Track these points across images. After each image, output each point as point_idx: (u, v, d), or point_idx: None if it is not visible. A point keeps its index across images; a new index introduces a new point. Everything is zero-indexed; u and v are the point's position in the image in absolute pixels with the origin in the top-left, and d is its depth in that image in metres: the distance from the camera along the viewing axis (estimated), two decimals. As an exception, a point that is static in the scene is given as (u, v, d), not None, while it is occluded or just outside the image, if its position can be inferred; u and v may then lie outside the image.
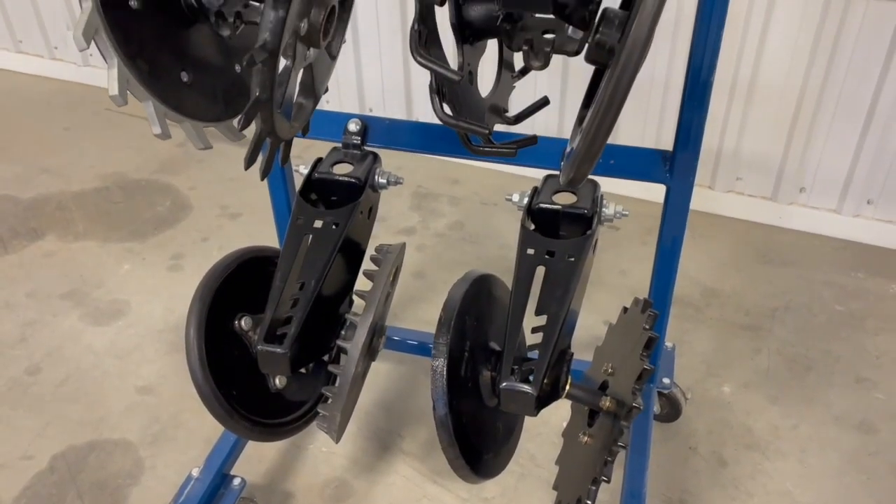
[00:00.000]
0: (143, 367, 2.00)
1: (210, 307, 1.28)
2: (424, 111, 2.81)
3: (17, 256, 2.37)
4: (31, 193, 2.66)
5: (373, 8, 2.63)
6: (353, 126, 1.47)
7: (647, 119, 2.48)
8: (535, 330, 1.19)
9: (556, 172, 1.37)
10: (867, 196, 2.35)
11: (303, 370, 1.39)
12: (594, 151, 0.83)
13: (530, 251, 1.25)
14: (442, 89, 0.89)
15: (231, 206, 2.60)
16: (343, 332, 1.33)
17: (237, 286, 1.33)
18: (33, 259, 2.36)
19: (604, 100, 0.79)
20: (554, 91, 2.52)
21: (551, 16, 0.86)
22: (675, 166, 1.36)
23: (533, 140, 1.02)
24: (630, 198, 2.32)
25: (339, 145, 1.47)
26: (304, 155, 1.59)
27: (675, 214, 1.43)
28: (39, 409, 1.88)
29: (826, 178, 2.38)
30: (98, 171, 2.77)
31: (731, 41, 2.24)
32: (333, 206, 1.37)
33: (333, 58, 1.14)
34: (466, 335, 1.23)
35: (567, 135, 2.57)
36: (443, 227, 2.53)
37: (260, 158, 1.01)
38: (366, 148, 1.46)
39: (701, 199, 2.50)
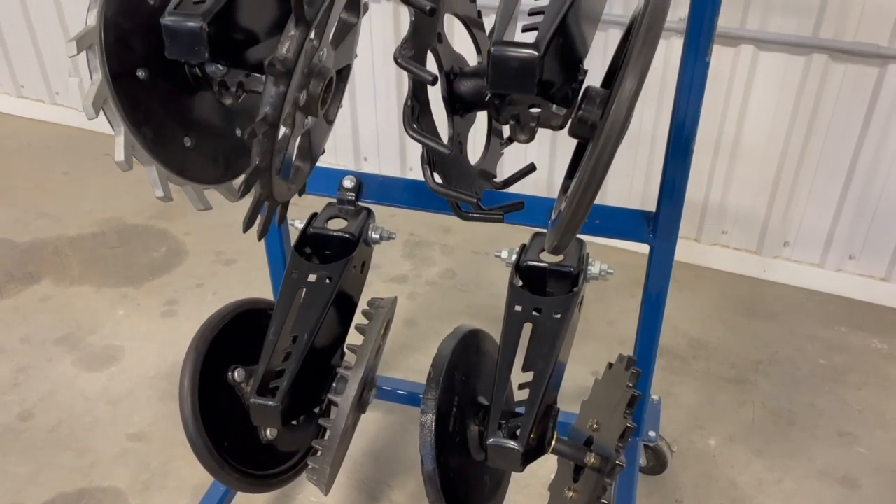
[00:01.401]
0: (134, 414, 2.01)
1: (205, 358, 1.31)
2: (418, 160, 2.86)
3: (13, 301, 2.39)
4: (28, 237, 2.69)
5: (369, 59, 2.70)
6: (348, 182, 1.52)
7: (634, 175, 2.54)
8: (521, 386, 1.22)
9: (544, 230, 1.42)
10: (849, 251, 2.41)
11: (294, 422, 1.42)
12: (576, 222, 0.87)
13: (518, 308, 1.29)
14: (433, 160, 0.93)
15: (226, 253, 2.64)
16: (334, 385, 1.35)
17: (232, 338, 1.37)
18: (28, 303, 2.39)
19: (585, 174, 0.84)
20: (543, 150, 2.59)
21: (536, 94, 0.91)
22: (658, 227, 1.41)
23: (520, 205, 1.06)
24: (618, 249, 2.36)
25: (335, 200, 1.52)
26: (301, 202, 1.64)
27: (658, 273, 1.48)
28: (31, 455, 1.89)
29: (809, 233, 2.44)
30: (95, 216, 2.81)
31: (715, 101, 2.31)
32: (328, 260, 1.41)
33: (330, 122, 1.19)
34: (455, 390, 1.26)
35: (554, 192, 2.63)
36: (434, 275, 2.57)
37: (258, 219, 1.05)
38: (360, 204, 1.51)
39: (687, 252, 2.56)
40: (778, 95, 2.26)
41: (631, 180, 2.56)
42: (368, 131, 2.89)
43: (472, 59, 1.09)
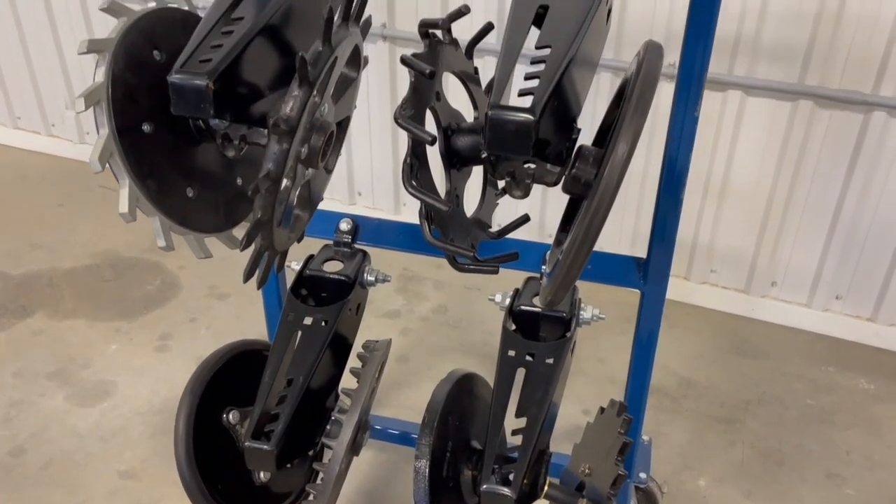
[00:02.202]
0: (126, 451, 2.01)
1: (200, 401, 1.32)
2: (412, 197, 2.89)
3: (6, 334, 2.39)
4: (22, 270, 2.70)
5: (364, 97, 2.74)
6: (344, 225, 1.54)
7: (624, 215, 2.58)
8: (515, 432, 1.23)
9: (537, 275, 1.45)
10: (836, 292, 2.44)
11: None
12: (571, 278, 0.90)
13: (511, 353, 1.31)
14: (430, 214, 0.96)
15: (219, 287, 2.65)
16: (328, 428, 1.36)
17: (227, 379, 1.37)
18: (21, 337, 2.39)
19: (580, 234, 0.86)
20: (535, 193, 2.60)
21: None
22: (648, 273, 1.44)
23: (514, 256, 1.09)
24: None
25: (331, 242, 1.54)
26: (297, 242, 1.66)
27: (649, 317, 1.50)
28: (22, 492, 1.88)
29: (796, 274, 2.48)
30: (89, 249, 2.82)
31: (704, 143, 2.35)
32: (323, 302, 1.42)
33: (329, 172, 1.21)
34: (449, 435, 1.28)
35: (546, 234, 2.65)
36: (427, 310, 2.59)
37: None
38: (356, 246, 1.53)
39: (677, 290, 2.59)
40: (765, 139, 2.31)
41: (621, 220, 2.59)
42: (363, 167, 2.92)
43: (467, 112, 1.13)
